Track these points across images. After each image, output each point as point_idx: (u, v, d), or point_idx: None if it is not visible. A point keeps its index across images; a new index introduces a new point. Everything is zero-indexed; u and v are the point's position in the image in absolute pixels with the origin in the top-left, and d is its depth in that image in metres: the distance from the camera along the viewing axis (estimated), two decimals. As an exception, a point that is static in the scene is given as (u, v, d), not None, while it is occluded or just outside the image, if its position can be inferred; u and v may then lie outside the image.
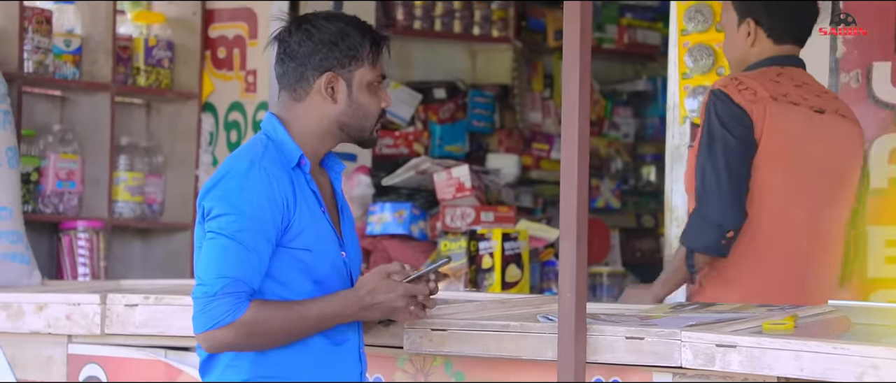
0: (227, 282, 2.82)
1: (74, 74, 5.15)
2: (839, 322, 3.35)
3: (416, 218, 5.32)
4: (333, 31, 2.97)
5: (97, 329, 3.84)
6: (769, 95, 3.72)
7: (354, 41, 2.98)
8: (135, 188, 5.35)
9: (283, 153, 2.95)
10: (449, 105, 6.62)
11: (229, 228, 2.84)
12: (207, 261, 2.86)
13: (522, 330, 3.16)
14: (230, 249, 2.83)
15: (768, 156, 3.74)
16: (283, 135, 2.98)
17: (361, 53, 2.99)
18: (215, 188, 2.90)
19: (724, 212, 3.70)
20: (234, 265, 2.83)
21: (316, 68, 2.97)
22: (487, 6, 6.78)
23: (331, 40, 2.97)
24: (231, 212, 2.85)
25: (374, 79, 3.01)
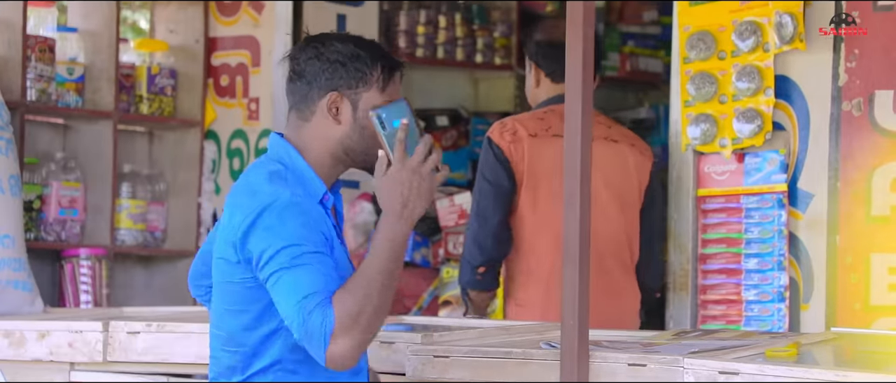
0: (306, 302, 2.72)
1: (77, 102, 5.16)
2: (842, 350, 3.35)
3: (418, 245, 5.32)
4: (344, 52, 2.92)
5: (99, 356, 3.83)
6: (528, 133, 4.17)
7: (364, 63, 2.92)
8: (137, 216, 5.35)
9: (305, 186, 2.88)
10: (451, 132, 6.63)
11: (285, 260, 2.75)
12: (284, 301, 2.75)
13: (525, 356, 3.16)
14: (295, 276, 2.74)
15: (529, 187, 4.20)
16: (302, 165, 2.91)
17: (370, 76, 2.93)
18: (255, 229, 2.80)
19: (473, 251, 4.23)
20: (304, 286, 2.73)
21: (322, 87, 2.92)
22: (490, 34, 6.79)
23: (339, 60, 2.92)
24: (281, 246, 2.76)
25: (381, 104, 2.93)
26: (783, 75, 4.20)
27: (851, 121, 4.09)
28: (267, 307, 2.85)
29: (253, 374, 2.90)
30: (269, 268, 2.77)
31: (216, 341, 2.96)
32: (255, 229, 2.80)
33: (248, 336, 2.89)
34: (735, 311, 4.20)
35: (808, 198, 4.14)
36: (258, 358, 2.89)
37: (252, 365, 2.90)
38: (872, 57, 4.05)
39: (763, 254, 4.17)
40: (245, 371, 2.91)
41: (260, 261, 2.79)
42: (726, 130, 4.24)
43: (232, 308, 2.90)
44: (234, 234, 2.84)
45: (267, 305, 2.85)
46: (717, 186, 4.26)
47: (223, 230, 2.91)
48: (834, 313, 4.06)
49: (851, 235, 4.05)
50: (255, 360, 2.90)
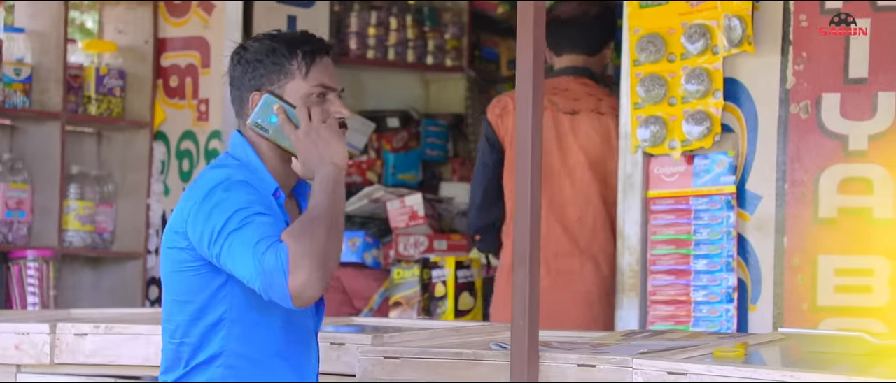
0: (255, 248, 2.73)
1: (24, 103, 5.12)
2: (789, 350, 3.37)
3: (369, 246, 5.31)
4: (260, 50, 2.93)
5: (47, 358, 3.80)
6: (514, 106, 4.14)
7: (281, 56, 2.92)
8: (85, 217, 5.32)
9: (257, 182, 2.90)
10: (402, 134, 6.63)
11: (233, 225, 2.77)
12: (237, 261, 2.76)
13: (475, 357, 3.16)
14: (244, 234, 2.75)
15: (510, 159, 4.50)
16: (256, 162, 2.94)
17: (289, 67, 2.92)
18: (201, 211, 2.82)
19: (470, 220, 4.67)
20: (252, 237, 2.74)
21: (247, 89, 2.94)
22: (441, 36, 6.80)
23: (257, 59, 2.93)
24: (228, 215, 2.78)
25: (312, 90, 2.93)
26: (732, 78, 4.23)
27: (799, 124, 4.12)
28: (212, 296, 2.87)
29: (195, 367, 2.91)
30: (220, 239, 2.79)
31: (165, 334, 2.98)
32: (202, 209, 2.83)
33: (193, 327, 2.90)
34: (684, 312, 4.22)
35: (756, 200, 4.17)
36: (201, 350, 2.90)
37: (195, 357, 2.91)
38: (820, 60, 4.09)
39: (712, 256, 4.19)
40: (188, 363, 2.92)
41: (211, 237, 2.80)
42: (676, 132, 4.26)
43: (179, 298, 2.92)
44: (184, 220, 2.86)
45: (212, 294, 2.87)
46: (666, 188, 4.28)
47: (172, 220, 2.92)
48: (781, 314, 4.08)
49: (799, 237, 4.08)
50: (198, 352, 2.90)
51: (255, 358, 2.89)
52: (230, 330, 2.87)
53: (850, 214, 4.03)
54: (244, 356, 2.89)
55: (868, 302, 3.97)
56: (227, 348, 2.89)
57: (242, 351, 2.88)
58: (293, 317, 2.93)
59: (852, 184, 4.03)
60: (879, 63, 4.01)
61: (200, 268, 2.87)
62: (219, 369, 2.89)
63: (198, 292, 2.88)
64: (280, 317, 2.91)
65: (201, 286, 2.88)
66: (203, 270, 2.87)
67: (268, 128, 2.90)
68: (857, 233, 4.01)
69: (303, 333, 2.99)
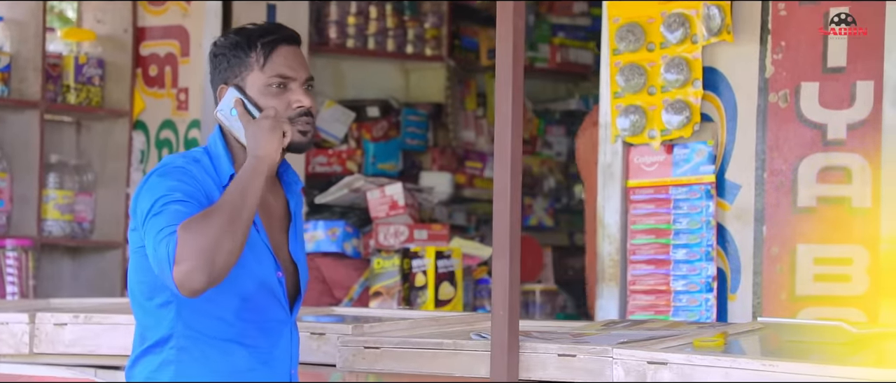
0: (157, 236, 2.77)
1: (3, 92, 5.10)
2: (768, 339, 3.39)
3: (349, 235, 5.31)
4: (224, 44, 2.99)
5: (26, 348, 3.79)
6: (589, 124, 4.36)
7: (240, 49, 2.97)
8: (64, 206, 5.30)
9: (216, 168, 2.95)
10: (382, 123, 6.62)
11: (153, 211, 2.81)
12: (150, 246, 2.80)
13: (455, 347, 3.17)
14: (155, 222, 2.79)
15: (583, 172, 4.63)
16: (220, 150, 2.97)
17: (248, 59, 2.96)
18: (140, 193, 2.88)
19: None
20: (161, 225, 2.78)
21: (215, 84, 3.00)
22: (420, 25, 6.79)
23: (220, 53, 2.99)
24: (151, 202, 2.82)
25: (270, 81, 2.95)
26: (711, 67, 4.23)
27: (778, 113, 4.13)
28: (158, 277, 2.87)
29: (148, 347, 2.93)
30: (144, 225, 2.83)
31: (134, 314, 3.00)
32: (139, 195, 2.88)
33: (146, 307, 2.93)
34: (663, 302, 4.23)
35: (735, 189, 4.18)
36: (152, 330, 2.92)
37: (148, 338, 2.93)
38: (799, 49, 4.10)
39: (691, 245, 4.20)
40: (142, 342, 2.94)
41: (140, 223, 2.86)
42: (655, 121, 4.27)
43: (134, 277, 2.95)
44: (134, 201, 2.91)
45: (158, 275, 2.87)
46: (646, 177, 4.29)
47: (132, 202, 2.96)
48: (761, 303, 4.10)
49: (778, 226, 4.10)
50: (150, 332, 2.93)
51: (207, 342, 2.89)
52: (178, 313, 2.89)
53: (829, 203, 4.04)
54: (195, 339, 2.89)
55: (847, 291, 3.98)
56: (176, 330, 2.90)
57: (193, 334, 2.89)
58: (249, 305, 2.93)
59: (831, 173, 4.05)
60: (857, 52, 4.02)
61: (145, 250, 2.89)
62: (172, 351, 2.90)
63: (147, 272, 2.90)
64: (232, 303, 2.91)
65: (148, 266, 2.88)
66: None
67: (229, 121, 2.95)
68: (836, 222, 4.03)
69: (265, 321, 2.96)
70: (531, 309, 5.98)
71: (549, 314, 6.03)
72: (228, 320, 2.91)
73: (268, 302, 2.95)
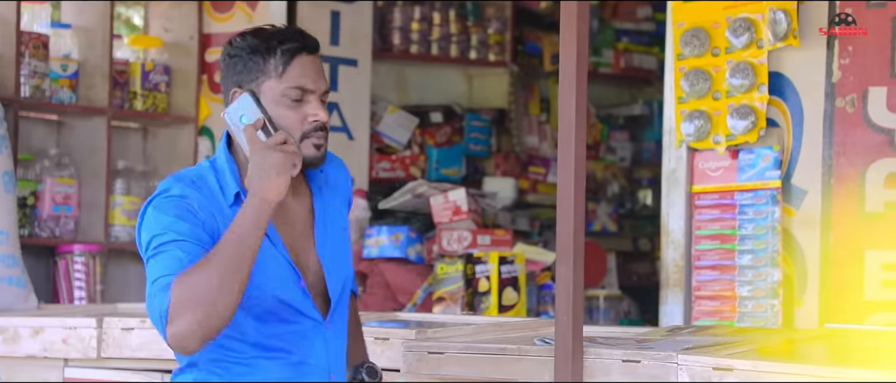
0: (152, 287, 2.68)
1: (71, 99, 5.15)
2: (836, 346, 3.36)
3: (412, 241, 5.31)
4: (242, 46, 2.83)
5: (93, 353, 3.83)
6: None
7: (259, 54, 2.81)
8: (131, 212, 5.35)
9: (221, 186, 2.81)
10: (445, 128, 6.63)
11: (149, 252, 2.72)
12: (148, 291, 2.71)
13: (519, 353, 3.16)
14: (151, 267, 2.70)
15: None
16: (224, 163, 2.84)
17: (266, 65, 2.81)
18: (140, 226, 2.78)
19: None
20: (154, 273, 2.69)
21: (229, 85, 2.85)
22: (484, 30, 6.80)
23: (237, 55, 2.83)
24: (147, 240, 2.73)
25: (288, 91, 2.80)
26: (777, 72, 4.20)
27: (845, 118, 4.09)
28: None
29: (181, 370, 2.88)
30: (146, 264, 2.74)
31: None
32: (140, 225, 2.79)
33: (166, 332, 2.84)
34: (729, 308, 4.20)
35: (801, 195, 4.15)
36: (177, 355, 2.85)
37: (178, 362, 2.88)
38: (866, 53, 4.06)
39: (757, 251, 4.17)
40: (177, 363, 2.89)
41: (144, 260, 2.75)
42: (720, 127, 4.24)
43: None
44: (137, 233, 2.82)
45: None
46: (710, 183, 4.27)
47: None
48: (827, 309, 4.06)
49: (845, 231, 4.06)
50: (178, 356, 2.86)
51: (234, 360, 2.82)
52: None
53: (897, 209, 4.00)
54: (219, 361, 2.82)
55: (915, 297, 3.94)
56: (201, 355, 2.81)
57: (217, 356, 2.82)
58: (273, 320, 2.83)
59: (899, 179, 4.01)
60: (926, 56, 3.98)
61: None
62: (202, 372, 2.84)
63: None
64: (253, 324, 2.82)
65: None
66: None
67: (237, 127, 2.79)
68: (905, 228, 3.99)
69: (292, 332, 2.86)
70: (595, 315, 5.96)
71: (612, 320, 6.01)
72: (252, 339, 2.83)
73: (293, 314, 2.85)
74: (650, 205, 7.48)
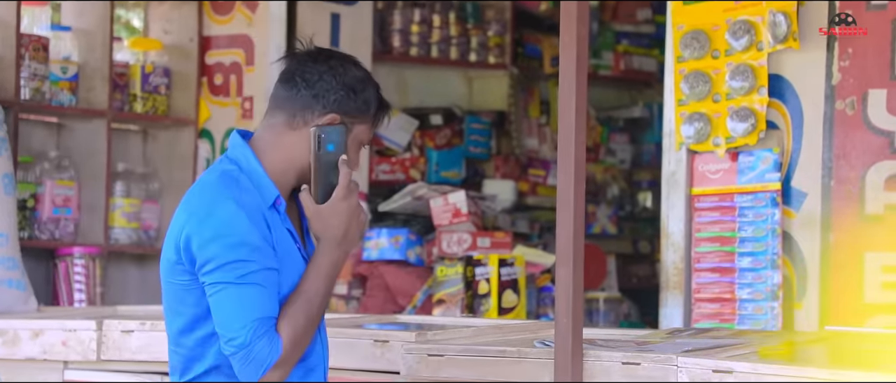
0: (256, 325, 2.75)
1: (71, 101, 5.15)
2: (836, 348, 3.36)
3: (412, 243, 5.31)
4: (357, 78, 2.91)
5: (93, 355, 3.83)
6: None
7: (370, 96, 2.92)
8: (131, 214, 5.35)
9: (258, 190, 2.86)
10: (445, 131, 6.63)
11: (233, 275, 2.76)
12: (227, 316, 2.76)
13: (519, 355, 3.16)
14: (243, 294, 2.76)
15: None
16: (257, 168, 2.88)
17: (370, 110, 2.93)
18: (199, 233, 2.80)
19: None
20: (255, 308, 2.76)
21: (325, 106, 2.89)
22: (484, 33, 6.80)
23: (351, 86, 2.90)
24: (230, 259, 2.76)
25: (367, 140, 2.95)
26: (777, 74, 4.20)
27: (845, 120, 4.09)
28: (204, 313, 2.84)
29: (196, 376, 2.89)
30: (214, 277, 2.77)
31: (168, 337, 2.96)
32: (202, 231, 2.80)
33: (186, 338, 2.88)
34: (728, 310, 4.20)
35: (801, 197, 4.15)
36: (197, 362, 2.88)
37: (193, 368, 2.89)
38: (866, 56, 4.06)
39: (756, 253, 4.17)
40: (187, 372, 2.90)
41: (204, 268, 2.79)
42: (720, 129, 4.24)
43: (172, 307, 2.90)
44: (180, 235, 2.84)
45: (204, 311, 2.84)
46: (710, 185, 4.27)
47: (171, 229, 2.90)
48: (827, 312, 4.06)
49: (845, 234, 4.06)
50: (195, 363, 2.89)
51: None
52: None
53: (897, 211, 4.00)
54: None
55: (915, 299, 3.94)
56: (222, 361, 2.86)
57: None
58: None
59: (899, 181, 4.01)
60: (926, 59, 3.98)
61: (191, 284, 2.84)
62: (221, 377, 2.87)
63: (189, 306, 2.86)
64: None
65: (193, 302, 2.85)
66: (194, 286, 2.84)
67: (321, 147, 2.86)
68: (904, 231, 3.99)
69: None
70: (595, 317, 5.96)
71: (612, 322, 6.01)
72: None
73: None
74: (650, 207, 7.49)
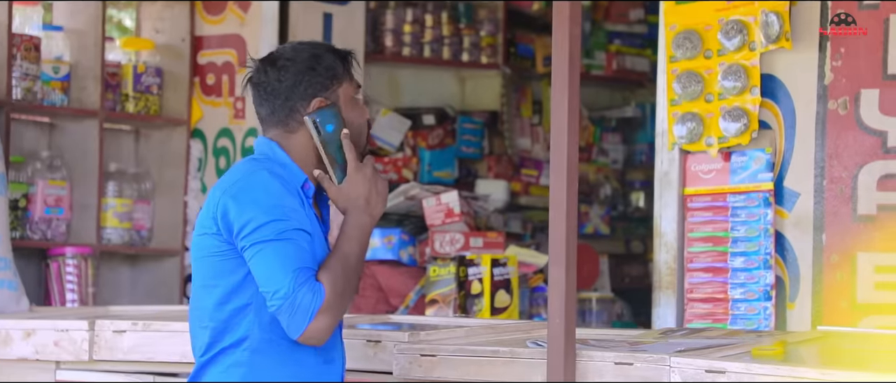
0: (296, 274, 2.83)
1: (63, 101, 5.15)
2: (828, 348, 3.36)
3: (405, 243, 5.31)
4: (307, 58, 3.01)
5: (85, 355, 3.83)
6: None
7: (329, 61, 3.02)
8: (123, 214, 5.34)
9: (287, 174, 2.97)
10: (438, 131, 6.63)
11: (272, 233, 2.85)
12: (269, 270, 2.85)
13: (512, 355, 3.16)
14: (282, 249, 2.85)
15: None
16: (285, 158, 3.00)
17: (338, 71, 3.03)
18: (237, 201, 2.89)
19: None
20: (293, 259, 2.85)
21: (302, 97, 3.00)
22: (476, 33, 6.80)
23: (309, 66, 3.01)
24: (268, 219, 2.86)
25: (354, 92, 3.05)
26: (769, 74, 4.20)
27: (837, 120, 4.09)
28: (240, 282, 2.91)
29: (222, 349, 2.95)
30: (252, 238, 2.86)
31: (195, 321, 3.01)
32: (237, 199, 2.90)
33: (220, 311, 2.94)
34: (721, 310, 4.20)
35: (794, 197, 4.15)
36: (228, 334, 2.94)
37: (222, 341, 2.95)
38: (858, 55, 4.06)
39: (749, 253, 4.18)
40: (213, 346, 2.96)
41: (243, 231, 2.88)
42: (712, 129, 4.25)
43: (207, 283, 2.96)
44: (216, 207, 2.92)
45: (240, 280, 2.91)
46: (703, 185, 4.27)
47: (206, 207, 2.98)
48: (820, 312, 4.06)
49: (837, 234, 4.06)
50: (225, 335, 2.94)
51: (280, 344, 2.92)
52: (256, 316, 2.92)
53: (890, 211, 4.01)
54: (269, 341, 2.92)
55: (908, 299, 3.94)
56: (252, 333, 2.92)
57: (268, 336, 2.92)
58: None
59: (891, 181, 4.01)
60: (918, 59, 3.98)
61: (229, 253, 2.92)
62: (245, 353, 2.93)
63: (225, 276, 2.93)
64: None
65: (229, 270, 2.93)
66: (231, 254, 2.92)
67: (320, 132, 2.97)
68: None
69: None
70: (587, 317, 5.96)
71: (605, 322, 6.01)
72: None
73: None
74: (642, 207, 7.49)
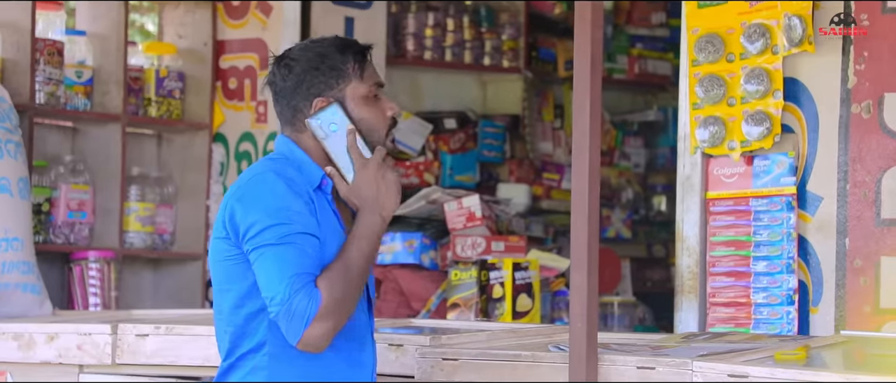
0: (293, 280, 2.80)
1: (85, 105, 5.16)
2: (852, 353, 3.34)
3: (426, 247, 5.31)
4: (312, 57, 2.99)
5: (108, 359, 3.84)
6: None
7: (335, 60, 2.98)
8: (146, 218, 5.36)
9: (303, 173, 2.95)
10: (459, 135, 6.63)
11: (274, 236, 2.83)
12: (268, 275, 2.83)
13: (534, 359, 3.16)
14: (282, 253, 2.82)
15: None
16: (303, 156, 2.98)
17: (345, 69, 2.99)
18: (242, 204, 2.88)
19: None
20: (292, 264, 2.81)
21: (305, 98, 2.99)
22: (498, 37, 6.79)
23: (311, 66, 2.98)
24: (270, 222, 2.84)
25: (368, 91, 3.01)
26: (792, 77, 4.19)
27: (860, 124, 4.08)
28: (251, 286, 2.90)
29: (242, 355, 2.94)
30: (255, 242, 2.84)
31: (218, 324, 3.01)
32: (242, 202, 2.88)
33: (236, 315, 2.93)
34: (744, 314, 4.19)
35: (817, 201, 4.13)
36: (246, 338, 2.93)
37: (241, 345, 2.94)
38: (882, 59, 4.05)
39: (772, 257, 4.16)
40: (235, 351, 2.95)
41: (247, 234, 2.86)
42: (735, 133, 4.23)
43: (222, 287, 2.96)
44: (225, 211, 2.92)
45: (251, 284, 2.90)
46: (725, 189, 4.26)
47: (219, 212, 2.97)
48: (843, 316, 4.05)
49: (861, 238, 4.04)
50: (244, 340, 2.93)
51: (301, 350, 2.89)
52: (272, 322, 2.89)
53: (913, 215, 3.99)
54: (287, 346, 2.88)
55: (932, 304, 3.92)
56: (270, 337, 2.90)
57: (285, 342, 2.88)
58: None
59: (915, 185, 3.99)
60: (942, 62, 3.97)
61: (239, 257, 2.91)
62: (265, 358, 2.92)
63: (238, 280, 2.92)
64: None
65: (241, 274, 2.91)
66: (241, 258, 2.91)
67: (326, 135, 2.95)
68: (920, 235, 3.97)
69: (356, 330, 2.99)
70: (609, 322, 5.95)
71: (627, 326, 6.00)
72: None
73: (357, 310, 2.96)
74: (664, 211, 7.47)
